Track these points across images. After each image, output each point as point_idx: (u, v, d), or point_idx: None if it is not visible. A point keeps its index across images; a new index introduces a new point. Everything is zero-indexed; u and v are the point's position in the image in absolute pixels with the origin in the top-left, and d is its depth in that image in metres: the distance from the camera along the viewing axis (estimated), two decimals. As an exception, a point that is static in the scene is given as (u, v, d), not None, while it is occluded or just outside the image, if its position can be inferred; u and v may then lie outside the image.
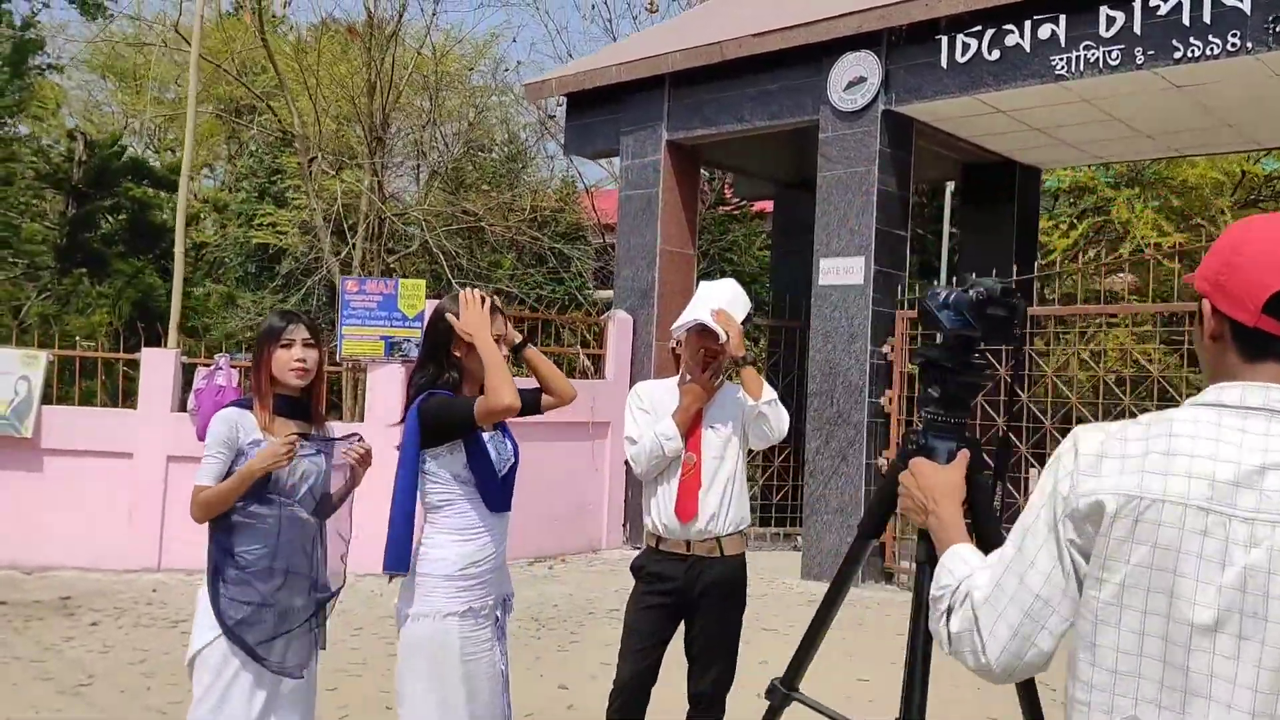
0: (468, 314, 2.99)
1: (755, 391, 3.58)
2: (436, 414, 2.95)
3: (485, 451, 3.03)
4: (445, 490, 3.01)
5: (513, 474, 3.15)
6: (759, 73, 9.11)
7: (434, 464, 3.00)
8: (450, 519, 3.01)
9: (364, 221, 16.43)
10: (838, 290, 8.66)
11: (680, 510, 3.63)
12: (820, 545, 8.64)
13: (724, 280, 3.83)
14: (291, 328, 3.21)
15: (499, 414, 2.90)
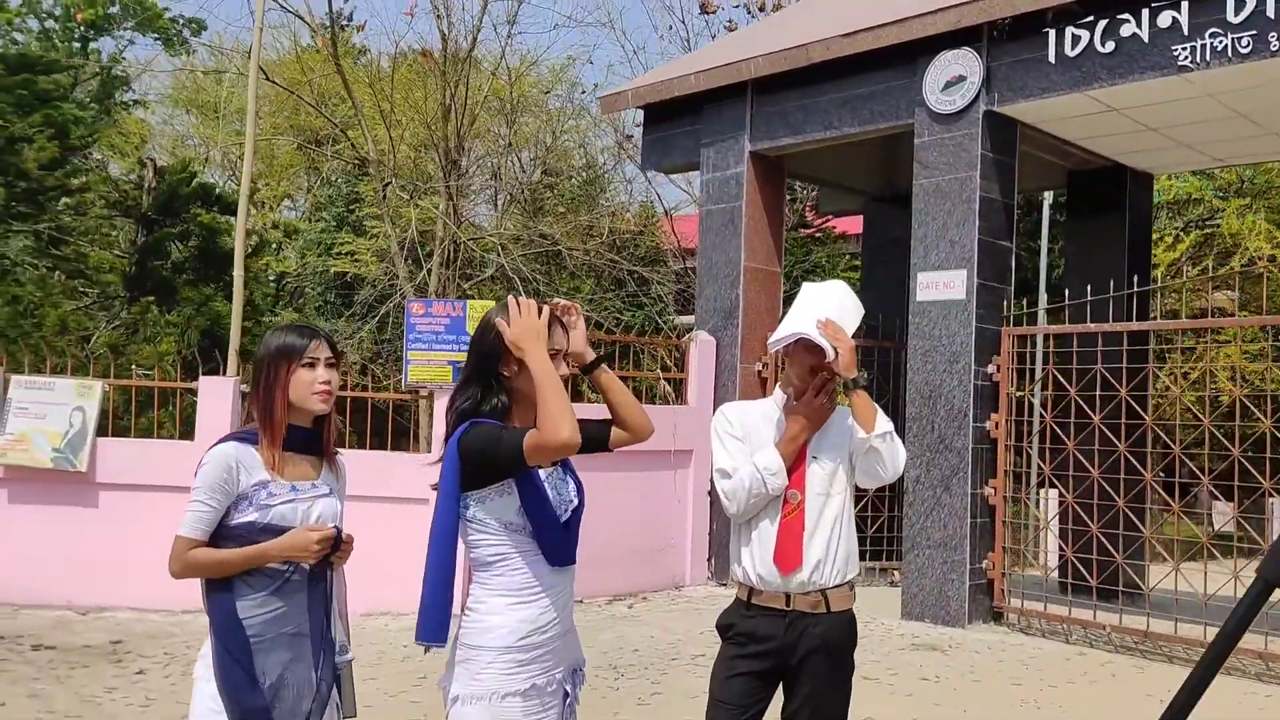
0: (519, 323, 2.46)
1: (868, 421, 2.99)
2: (481, 449, 2.43)
3: (542, 493, 2.49)
4: (495, 542, 2.47)
5: (577, 519, 2.61)
6: (848, 76, 8.52)
7: (479, 509, 2.47)
8: (503, 577, 2.47)
9: (439, 247, 16.20)
10: (937, 306, 7.99)
11: (780, 558, 3.04)
12: (921, 583, 7.93)
13: (831, 283, 3.25)
14: (314, 344, 2.71)
15: (553, 452, 2.36)
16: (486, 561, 2.48)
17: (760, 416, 3.19)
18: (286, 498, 2.66)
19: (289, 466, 2.67)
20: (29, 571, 7.29)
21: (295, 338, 2.74)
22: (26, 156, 12.73)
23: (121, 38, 29.80)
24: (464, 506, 2.49)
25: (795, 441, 3.05)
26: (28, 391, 7.39)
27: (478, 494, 2.47)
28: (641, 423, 2.75)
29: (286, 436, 2.67)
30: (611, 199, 20.62)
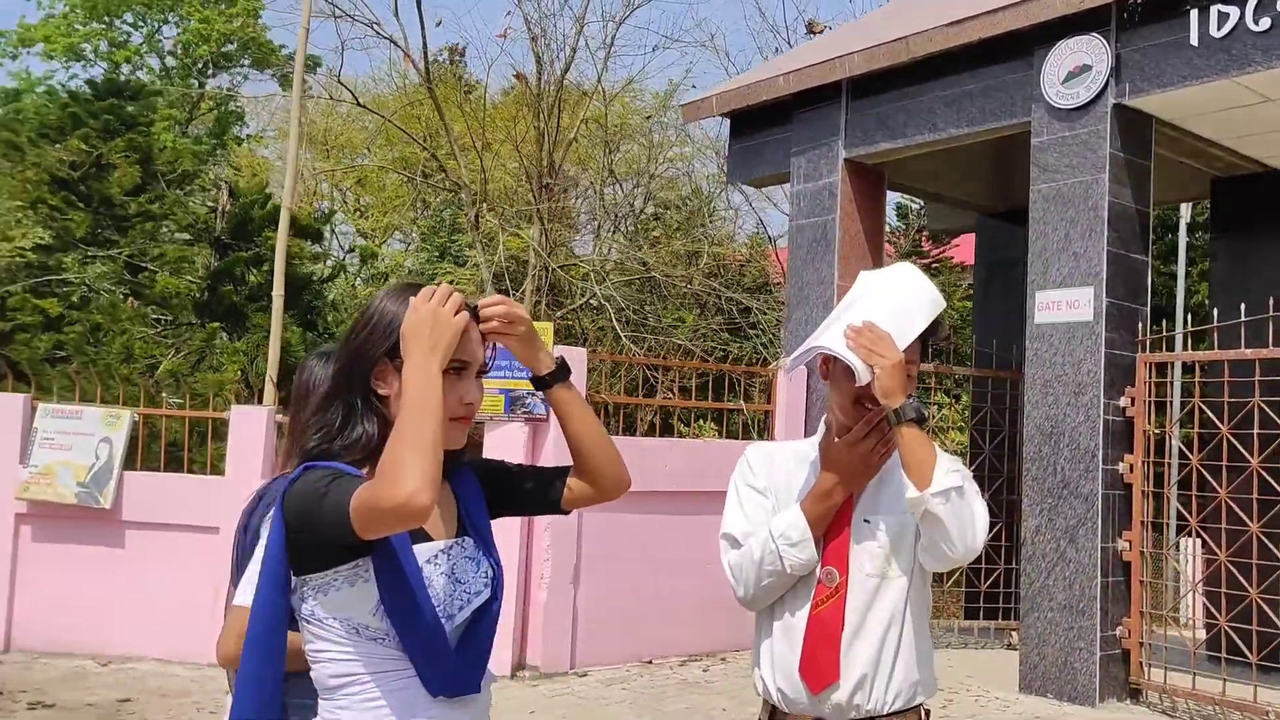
0: (414, 315, 1.63)
1: (921, 473, 2.05)
2: (300, 510, 1.60)
3: (413, 583, 1.64)
4: (339, 655, 1.64)
5: (487, 622, 1.76)
6: (955, 71, 7.54)
7: (317, 603, 1.65)
8: (351, 712, 1.64)
9: (532, 276, 15.65)
10: (1059, 329, 6.90)
11: (808, 668, 2.14)
12: (1043, 650, 6.80)
13: (893, 269, 2.32)
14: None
15: (387, 519, 1.50)
16: (330, 686, 1.66)
17: (796, 461, 2.31)
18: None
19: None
20: (51, 616, 6.80)
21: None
22: (111, 183, 12.62)
23: (238, 74, 30.49)
24: (300, 599, 1.67)
25: (828, 499, 2.15)
26: (54, 421, 6.92)
27: (316, 579, 1.64)
28: (612, 471, 1.92)
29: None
30: (717, 228, 19.84)
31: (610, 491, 1.95)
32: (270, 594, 1.65)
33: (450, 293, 1.66)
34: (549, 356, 1.89)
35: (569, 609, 6.84)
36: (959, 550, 2.08)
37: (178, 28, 29.10)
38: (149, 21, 29.36)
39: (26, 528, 6.89)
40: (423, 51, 15.08)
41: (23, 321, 12.38)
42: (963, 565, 2.23)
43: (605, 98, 16.98)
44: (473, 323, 1.73)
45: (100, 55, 28.45)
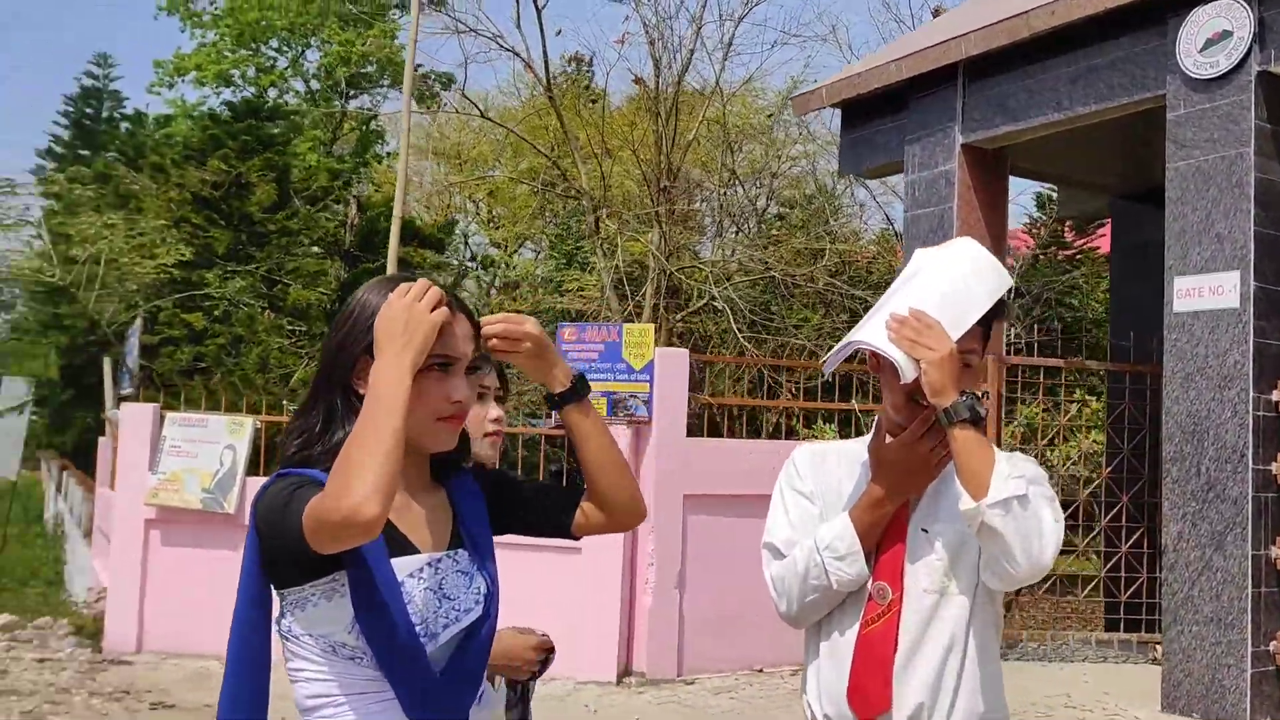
0: (389, 309, 1.51)
1: (976, 481, 1.81)
2: (268, 519, 1.51)
3: (388, 596, 1.51)
4: (315, 674, 1.54)
5: (477, 647, 1.62)
6: (1079, 46, 7.09)
7: (294, 619, 1.55)
8: None
9: (651, 279, 15.60)
10: (1201, 318, 6.39)
11: (856, 695, 1.93)
12: (1188, 666, 6.30)
13: (950, 244, 2.09)
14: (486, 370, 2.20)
15: (334, 532, 1.38)
16: (307, 707, 1.56)
17: (848, 463, 2.10)
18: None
19: None
20: (179, 618, 7.02)
21: None
22: (250, 200, 13.13)
23: (378, 93, 31.48)
24: (279, 614, 1.58)
25: (880, 508, 1.94)
26: (181, 429, 7.17)
27: (292, 594, 1.54)
28: (623, 499, 1.77)
29: None
30: (842, 224, 19.40)
31: (623, 521, 1.81)
32: (246, 610, 1.57)
33: (428, 287, 1.54)
34: (565, 374, 1.74)
35: (674, 614, 6.69)
36: (1022, 568, 1.83)
37: (320, 51, 30.23)
38: (293, 46, 30.61)
39: (155, 532, 7.15)
40: (544, 61, 15.22)
41: (169, 335, 13.02)
42: (1029, 583, 1.98)
43: (724, 98, 16.78)
44: (461, 316, 1.60)
45: (248, 80, 29.81)
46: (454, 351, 1.58)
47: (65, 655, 7.11)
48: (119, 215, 13.63)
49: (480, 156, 24.00)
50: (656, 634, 6.63)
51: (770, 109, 19.74)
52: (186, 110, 29.37)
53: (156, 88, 30.47)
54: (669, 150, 15.20)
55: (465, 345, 1.60)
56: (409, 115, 8.70)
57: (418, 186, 27.23)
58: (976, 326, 1.95)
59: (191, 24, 29.94)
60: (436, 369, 1.56)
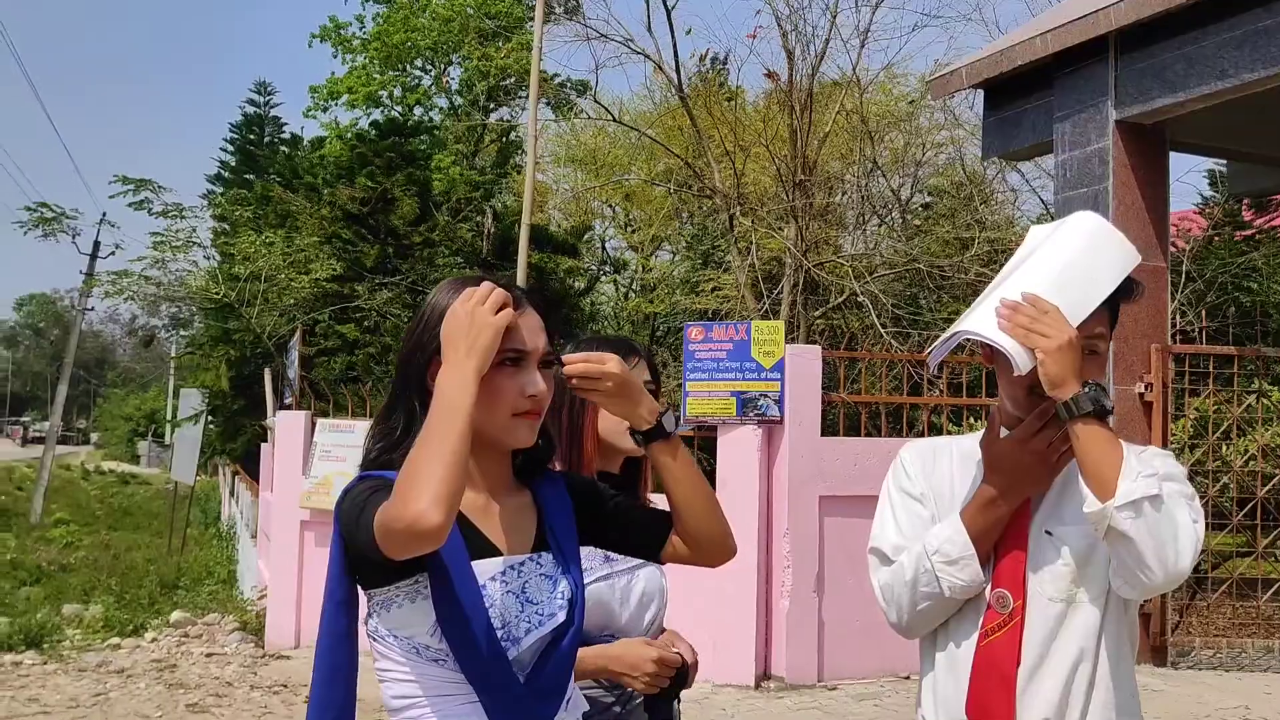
0: (454, 316, 1.49)
1: (1100, 480, 1.65)
2: (347, 522, 1.50)
3: (468, 599, 1.48)
4: (401, 676, 1.52)
5: (562, 652, 1.56)
6: (1244, 7, 6.60)
7: (380, 619, 1.52)
8: None
9: (788, 276, 15.36)
10: (1390, 296, 5.85)
11: (976, 710, 1.78)
12: (1387, 677, 5.77)
13: (1068, 220, 1.92)
14: (632, 361, 2.14)
15: (402, 540, 1.35)
16: (393, 708, 1.54)
17: (962, 460, 1.95)
18: (600, 572, 2.03)
19: None
20: (329, 617, 7.26)
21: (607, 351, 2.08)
22: (395, 214, 13.54)
23: (517, 105, 32.11)
24: (367, 614, 1.55)
25: (994, 509, 1.78)
26: (331, 435, 7.42)
27: (379, 595, 1.52)
28: (711, 541, 1.70)
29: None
30: (994, 210, 18.71)
31: (711, 558, 1.74)
32: (332, 611, 1.55)
33: (491, 290, 1.50)
34: (651, 410, 1.68)
35: (813, 618, 6.52)
36: (1158, 576, 1.66)
37: (461, 67, 31.06)
38: (436, 64, 31.54)
39: (309, 533, 7.42)
40: (675, 62, 15.20)
41: (325, 346, 13.54)
42: (1168, 590, 1.78)
43: (860, 87, 16.40)
44: (530, 310, 1.55)
45: (395, 100, 30.86)
46: (524, 345, 1.55)
47: (231, 650, 7.45)
48: (277, 234, 14.25)
49: (615, 160, 24.21)
50: (795, 638, 6.48)
51: (912, 95, 19.22)
52: (339, 132, 30.58)
53: (312, 112, 31.89)
54: (804, 145, 14.94)
55: (536, 339, 1.56)
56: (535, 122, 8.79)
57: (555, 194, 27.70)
58: (1102, 309, 1.78)
59: (343, 49, 31.23)
60: (507, 364, 1.52)
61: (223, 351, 21.09)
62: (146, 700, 6.18)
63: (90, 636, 8.16)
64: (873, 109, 17.64)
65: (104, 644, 7.86)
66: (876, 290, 14.89)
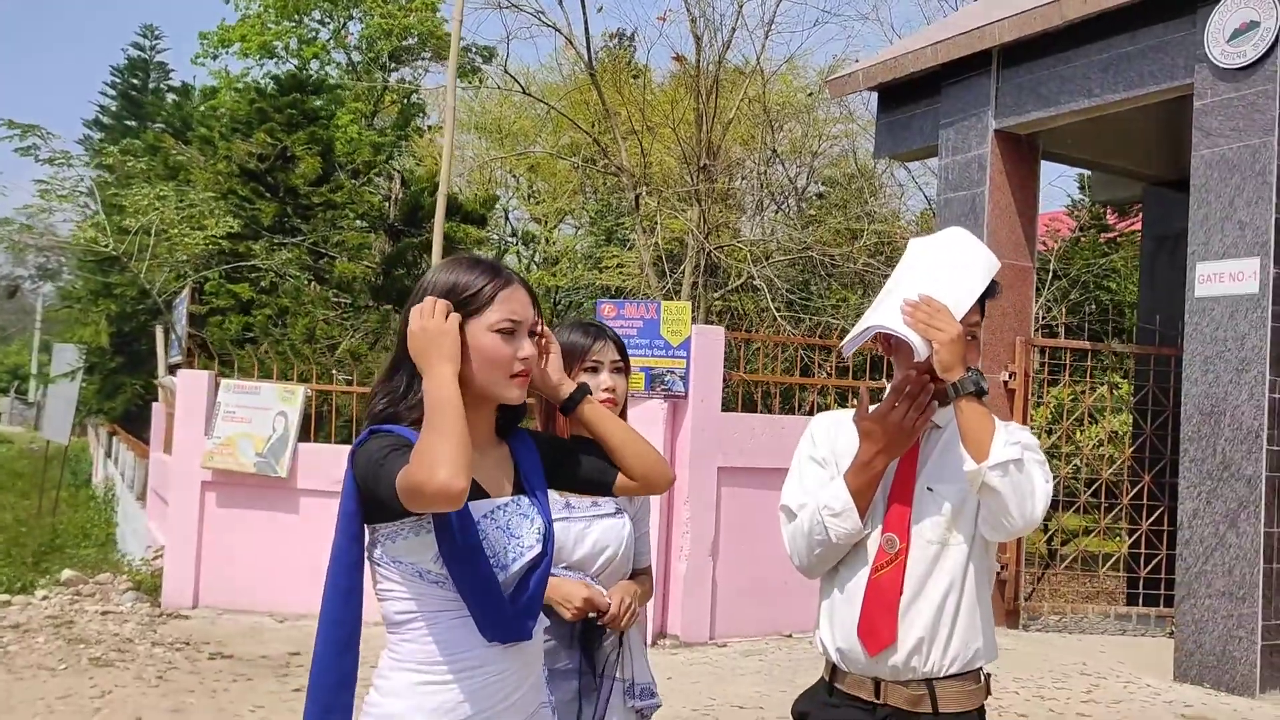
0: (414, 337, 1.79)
1: (978, 446, 2.06)
2: (364, 474, 1.77)
3: (468, 540, 1.80)
4: (404, 594, 1.82)
5: (536, 580, 1.89)
6: (1111, 34, 7.23)
7: (385, 549, 1.83)
8: (413, 644, 1.82)
9: (690, 257, 15.80)
10: (1221, 303, 6.56)
11: (866, 631, 2.20)
12: (1200, 639, 6.51)
13: (944, 234, 2.33)
14: (599, 345, 2.51)
15: (427, 501, 1.64)
16: (395, 621, 1.84)
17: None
18: (557, 515, 2.35)
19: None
20: (235, 576, 7.41)
21: (580, 336, 2.50)
22: (295, 173, 13.45)
23: (420, 67, 31.71)
24: (370, 544, 1.86)
25: (868, 469, 2.19)
26: (235, 396, 7.52)
27: (385, 529, 1.82)
28: (651, 469, 2.04)
29: None
30: (883, 203, 19.45)
31: (652, 485, 2.07)
32: (345, 543, 1.83)
33: (434, 303, 1.79)
34: (568, 382, 2.06)
35: (708, 581, 6.99)
36: (1018, 522, 2.09)
37: (361, 23, 30.49)
38: (335, 18, 30.88)
39: (211, 494, 7.52)
40: (585, 38, 15.41)
41: (217, 305, 13.41)
42: (1024, 535, 2.22)
43: (764, 77, 16.89)
44: (519, 285, 1.87)
45: (290, 52, 30.11)
46: (517, 317, 1.85)
47: (127, 609, 7.51)
48: (170, 187, 14.00)
49: (522, 131, 24.19)
50: (690, 599, 6.93)
51: (811, 88, 19.81)
52: (231, 82, 29.74)
53: (201, 59, 30.86)
54: (709, 128, 15.36)
55: (525, 310, 1.88)
56: (454, 95, 8.96)
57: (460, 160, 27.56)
58: (974, 304, 2.19)
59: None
60: (504, 333, 1.83)
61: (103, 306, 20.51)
62: (48, 654, 6.25)
63: (-23, 593, 8.10)
64: (774, 98, 18.15)
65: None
66: (772, 275, 15.45)
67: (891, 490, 2.23)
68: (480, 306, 1.82)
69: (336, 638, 1.83)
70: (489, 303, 1.83)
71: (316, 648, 1.84)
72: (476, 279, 1.84)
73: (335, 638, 1.83)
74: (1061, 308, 14.06)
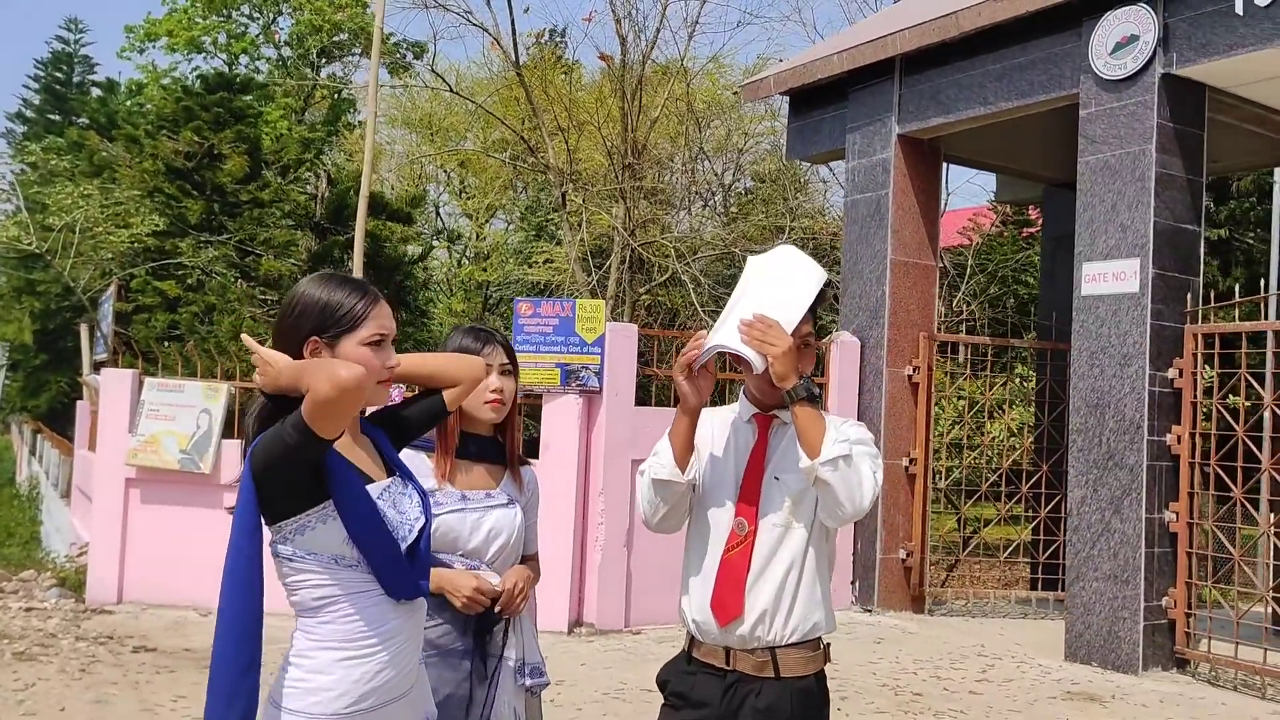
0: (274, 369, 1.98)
1: (811, 444, 2.33)
2: (268, 456, 1.91)
3: (372, 510, 2.01)
4: (319, 582, 2.00)
5: (426, 539, 2.12)
6: (1004, 45, 7.61)
7: (294, 544, 1.98)
8: (332, 625, 2.00)
9: (617, 253, 16.04)
10: (1105, 301, 6.96)
11: (718, 604, 2.46)
12: (1088, 619, 6.92)
13: (776, 252, 2.58)
14: (489, 349, 2.69)
15: (335, 405, 1.82)
16: (310, 606, 2.02)
17: (719, 421, 2.62)
18: (453, 506, 2.59)
19: (461, 475, 2.65)
20: (158, 571, 7.49)
21: (470, 341, 2.69)
22: (222, 171, 13.44)
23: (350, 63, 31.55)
24: (274, 544, 2.05)
25: (677, 424, 2.48)
26: (159, 394, 7.60)
27: (291, 524, 1.98)
28: (464, 367, 2.36)
29: (460, 445, 2.63)
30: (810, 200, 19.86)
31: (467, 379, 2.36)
32: (240, 541, 1.99)
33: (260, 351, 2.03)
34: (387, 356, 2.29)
35: (623, 571, 7.24)
36: (848, 510, 2.35)
37: (291, 19, 30.24)
38: (264, 13, 30.60)
39: (135, 491, 7.60)
40: (512, 37, 15.54)
41: (143, 303, 13.36)
42: (855, 520, 2.49)
43: (688, 76, 17.17)
44: (383, 304, 2.09)
45: (219, 47, 29.80)
46: (384, 330, 2.07)
47: (51, 605, 7.56)
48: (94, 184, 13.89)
49: (452, 127, 24.22)
50: (605, 589, 7.17)
51: (736, 86, 20.14)
52: (157, 77, 29.35)
53: (127, 53, 30.40)
54: (634, 127, 15.60)
55: (390, 324, 2.10)
56: (375, 98, 9.09)
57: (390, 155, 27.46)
58: (806, 314, 2.45)
59: (163, -12, 29.84)
60: (374, 346, 2.04)
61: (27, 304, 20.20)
62: (-31, 650, 6.31)
63: (-105, 591, 8.08)
64: (701, 96, 18.45)
65: (-89, 598, 7.81)
66: (696, 271, 15.74)
67: (743, 480, 2.49)
68: (354, 324, 2.02)
69: (238, 630, 1.97)
70: (362, 319, 2.03)
71: (216, 642, 1.98)
72: (348, 298, 2.04)
73: (237, 630, 1.97)
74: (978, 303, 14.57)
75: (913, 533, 8.28)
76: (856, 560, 8.34)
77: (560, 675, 5.94)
